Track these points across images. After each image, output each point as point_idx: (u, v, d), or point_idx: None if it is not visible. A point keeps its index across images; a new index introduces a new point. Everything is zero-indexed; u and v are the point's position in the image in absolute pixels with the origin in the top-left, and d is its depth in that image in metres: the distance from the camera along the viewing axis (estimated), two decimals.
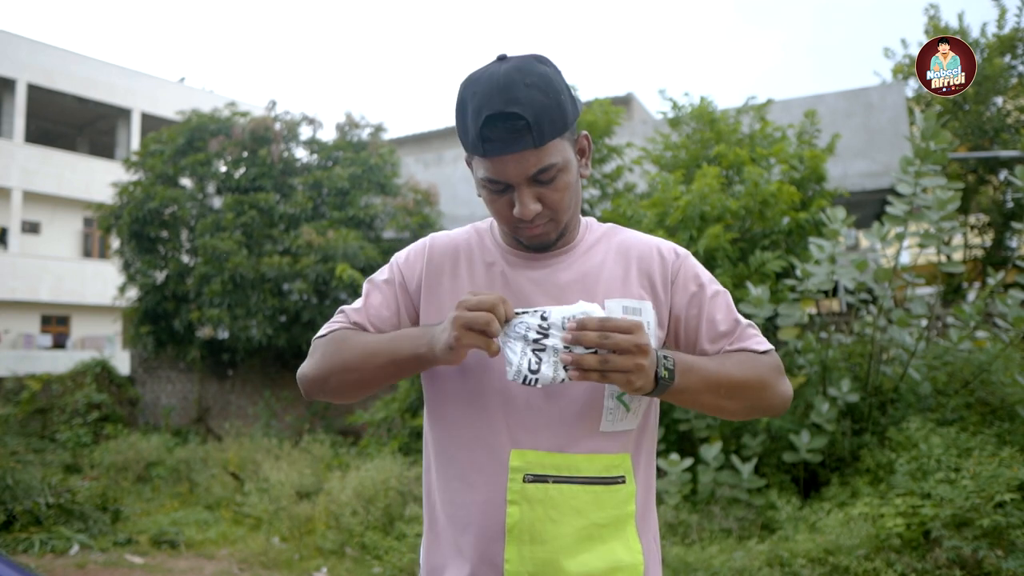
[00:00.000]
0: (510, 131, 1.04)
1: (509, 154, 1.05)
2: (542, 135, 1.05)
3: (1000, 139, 9.86)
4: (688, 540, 4.34)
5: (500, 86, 1.04)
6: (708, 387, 1.09)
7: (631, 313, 1.15)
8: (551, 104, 1.06)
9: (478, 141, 1.06)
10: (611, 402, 1.12)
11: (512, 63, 1.08)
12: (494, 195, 1.12)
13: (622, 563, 1.11)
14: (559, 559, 1.08)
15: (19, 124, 19.14)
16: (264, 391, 10.37)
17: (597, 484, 1.11)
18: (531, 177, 1.08)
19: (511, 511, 1.10)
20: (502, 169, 1.07)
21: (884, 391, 4.89)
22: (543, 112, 1.05)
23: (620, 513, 1.13)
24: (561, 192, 1.11)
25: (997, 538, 3.43)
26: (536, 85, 1.05)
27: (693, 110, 7.06)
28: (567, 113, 1.09)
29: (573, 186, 1.13)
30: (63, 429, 9.89)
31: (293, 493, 6.10)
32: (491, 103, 1.04)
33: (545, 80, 1.07)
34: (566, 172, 1.11)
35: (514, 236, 1.17)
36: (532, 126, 1.04)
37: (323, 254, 9.02)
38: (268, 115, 10.62)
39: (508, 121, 1.03)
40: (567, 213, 1.15)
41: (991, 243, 10.12)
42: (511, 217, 1.12)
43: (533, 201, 1.09)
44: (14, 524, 5.58)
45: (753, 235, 5.89)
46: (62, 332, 20.72)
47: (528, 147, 1.05)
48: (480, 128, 1.05)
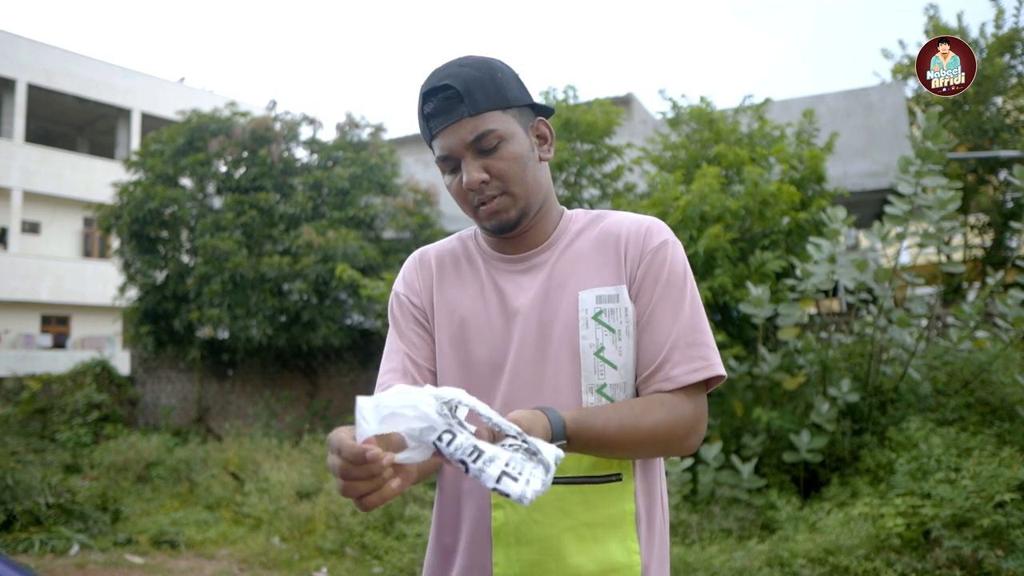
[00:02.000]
0: (444, 100, 1.10)
1: (448, 125, 1.10)
2: (475, 103, 1.09)
3: (1000, 139, 9.87)
4: (688, 540, 4.34)
5: (438, 70, 1.13)
6: (603, 447, 1.05)
7: (605, 301, 1.12)
8: (483, 77, 1.11)
9: (424, 123, 1.13)
10: (591, 397, 1.11)
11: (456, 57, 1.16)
12: (450, 176, 1.15)
13: (616, 564, 1.09)
14: (547, 560, 1.08)
15: (19, 124, 19.15)
16: (264, 391, 10.37)
17: (586, 483, 1.10)
18: (470, 145, 1.10)
19: (496, 515, 1.11)
20: (446, 143, 1.11)
21: (884, 391, 4.89)
22: (473, 82, 1.10)
23: (616, 512, 1.11)
24: (507, 161, 1.11)
25: (997, 538, 3.43)
26: (470, 64, 1.12)
27: (692, 110, 7.06)
28: (506, 89, 1.12)
29: (522, 159, 1.12)
30: (63, 429, 9.89)
31: (293, 493, 6.10)
32: (428, 83, 1.12)
33: (481, 61, 1.14)
34: (510, 142, 1.11)
35: (479, 224, 1.18)
36: (463, 94, 1.09)
37: (323, 254, 9.02)
38: (268, 115, 10.62)
39: (440, 93, 1.10)
40: (520, 186, 1.13)
41: (991, 243, 10.13)
42: (465, 193, 1.14)
43: (477, 170, 1.11)
44: (14, 524, 5.58)
45: (753, 235, 5.89)
46: (62, 332, 20.72)
47: (464, 115, 1.09)
48: (422, 107, 1.13)
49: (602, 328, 1.12)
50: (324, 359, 10.21)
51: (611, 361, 1.11)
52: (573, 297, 1.14)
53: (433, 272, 1.25)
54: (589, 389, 1.11)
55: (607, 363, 1.11)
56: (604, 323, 1.12)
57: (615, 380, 1.12)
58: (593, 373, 1.11)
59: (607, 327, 1.12)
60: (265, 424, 9.55)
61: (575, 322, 1.13)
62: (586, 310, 1.13)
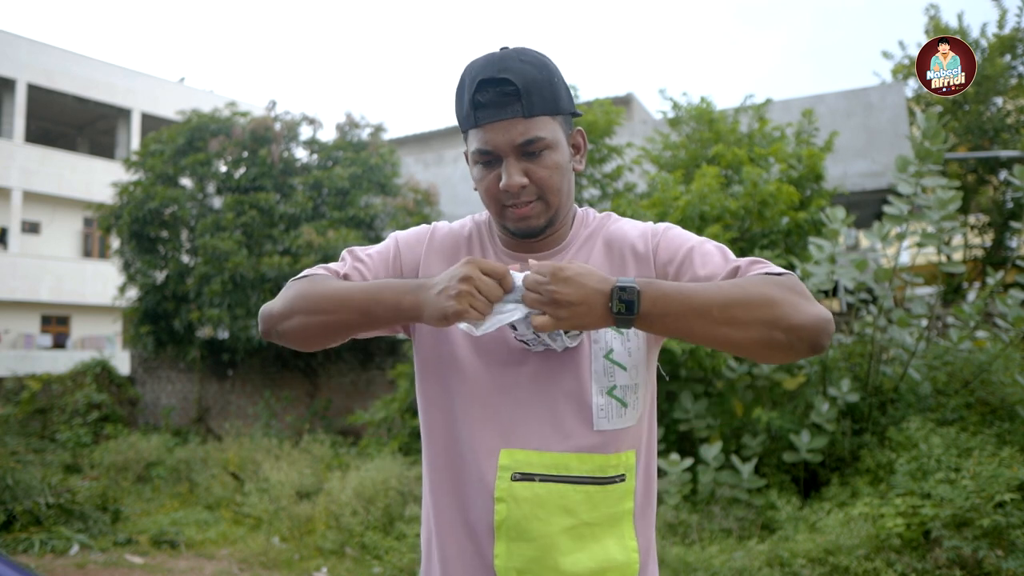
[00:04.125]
0: (500, 95, 1.07)
1: (498, 120, 1.08)
2: (531, 105, 1.07)
3: (1000, 139, 9.86)
4: (688, 540, 4.34)
5: (496, 59, 1.10)
6: (693, 311, 0.96)
7: None
8: (543, 80, 1.09)
9: (471, 109, 1.09)
10: (601, 399, 1.11)
11: (513, 48, 1.13)
12: (484, 170, 1.13)
13: (615, 562, 1.11)
14: (547, 557, 1.09)
15: (19, 124, 19.14)
16: (264, 391, 10.37)
17: (590, 484, 1.10)
18: (518, 147, 1.08)
19: (499, 508, 1.11)
20: (492, 137, 1.09)
21: (884, 391, 4.89)
22: (533, 84, 1.08)
23: (616, 511, 1.12)
24: (549, 170, 1.10)
25: (997, 538, 3.43)
26: (530, 62, 1.10)
27: (692, 110, 7.06)
28: (559, 96, 1.11)
29: (562, 169, 1.13)
30: (63, 429, 9.89)
31: (293, 493, 6.10)
32: (485, 71, 1.08)
33: (540, 61, 1.11)
34: (555, 151, 1.11)
35: (502, 223, 1.17)
36: (521, 93, 1.07)
37: (323, 254, 9.01)
38: (268, 115, 10.61)
39: (499, 86, 1.07)
40: (556, 196, 1.13)
41: (991, 243, 10.13)
42: (499, 193, 1.12)
43: (519, 173, 1.09)
44: (14, 524, 5.58)
45: (752, 235, 5.89)
46: (62, 332, 20.72)
47: (517, 115, 1.07)
48: (473, 94, 1.08)
49: (610, 331, 1.12)
50: (324, 359, 10.20)
51: (620, 363, 1.13)
52: None
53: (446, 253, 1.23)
54: (600, 391, 1.12)
55: (617, 364, 1.12)
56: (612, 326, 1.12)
57: (624, 381, 1.13)
58: (604, 375, 1.12)
59: (615, 330, 1.12)
60: (265, 424, 9.54)
61: None
62: None
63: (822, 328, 0.97)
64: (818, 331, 0.97)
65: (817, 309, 0.98)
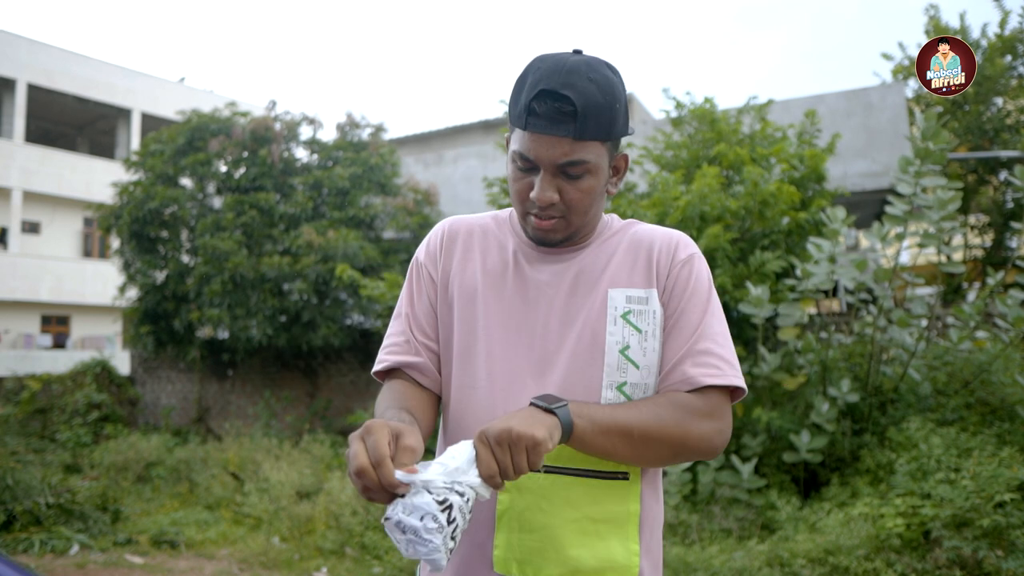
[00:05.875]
0: (556, 111, 1.05)
1: (548, 135, 1.06)
2: (585, 128, 1.05)
3: (1000, 139, 9.87)
4: (688, 540, 4.34)
5: (564, 69, 1.06)
6: (602, 433, 1.03)
7: (635, 302, 1.14)
8: (604, 105, 1.06)
9: (524, 112, 1.07)
10: (610, 393, 1.12)
11: (585, 58, 1.10)
12: (520, 172, 1.12)
13: (615, 563, 1.10)
14: (548, 549, 1.09)
15: (19, 124, 19.14)
16: (264, 391, 10.37)
17: (594, 478, 1.11)
18: (560, 166, 1.08)
19: (501, 498, 1.11)
20: (536, 148, 1.08)
21: (884, 391, 4.89)
22: (593, 107, 1.05)
23: (620, 511, 1.12)
24: (583, 193, 1.11)
25: (997, 538, 3.43)
26: (598, 83, 1.07)
27: (695, 109, 7.06)
28: (616, 123, 1.10)
29: (595, 193, 1.12)
30: (63, 429, 9.89)
31: (293, 493, 6.10)
32: (549, 80, 1.05)
33: (608, 83, 1.08)
34: (594, 176, 1.10)
35: (523, 226, 1.18)
36: (578, 114, 1.04)
37: (323, 254, 9.02)
38: (268, 115, 10.62)
39: (557, 101, 1.04)
40: (581, 217, 1.14)
41: (991, 243, 10.13)
42: (527, 199, 1.12)
43: (552, 189, 1.09)
44: (14, 524, 5.58)
45: (753, 235, 5.89)
46: (62, 332, 20.72)
47: (568, 135, 1.05)
48: (530, 100, 1.06)
49: (629, 327, 1.13)
50: (324, 359, 10.20)
51: (634, 360, 1.13)
52: (602, 294, 1.15)
53: (458, 245, 1.24)
54: (610, 385, 1.12)
55: (631, 362, 1.13)
56: (632, 323, 1.13)
57: (636, 379, 1.13)
58: (616, 370, 1.12)
59: (634, 327, 1.13)
60: (265, 424, 9.55)
61: (602, 317, 1.14)
62: (615, 308, 1.14)
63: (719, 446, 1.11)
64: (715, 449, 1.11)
65: (720, 425, 1.11)
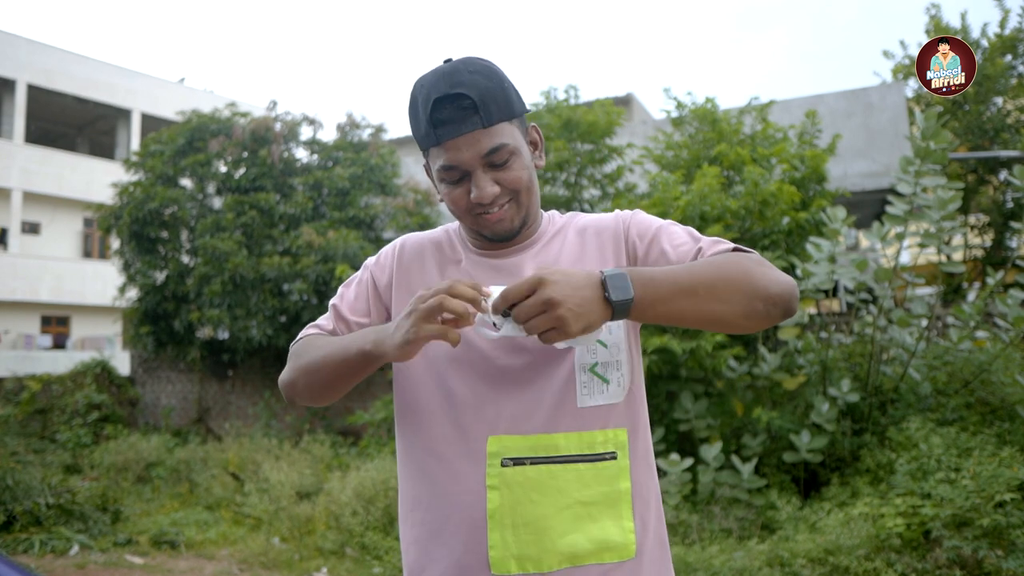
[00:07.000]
0: (458, 110, 1.08)
1: (461, 135, 1.09)
2: (489, 115, 1.09)
3: (1000, 139, 9.87)
4: (688, 540, 4.34)
5: (445, 73, 1.11)
6: (682, 292, 1.01)
7: None
8: (495, 87, 1.11)
9: (430, 128, 1.10)
10: (584, 375, 1.13)
11: (457, 60, 1.14)
12: (451, 186, 1.14)
13: (611, 542, 1.10)
14: (543, 540, 1.08)
15: (19, 124, 19.14)
16: (264, 391, 10.36)
17: (579, 462, 1.11)
18: (484, 158, 1.10)
19: (491, 496, 1.10)
20: (456, 154, 1.10)
21: (884, 391, 4.89)
22: (487, 93, 1.09)
23: (610, 490, 1.12)
24: (518, 172, 1.13)
25: (997, 538, 3.43)
26: (479, 72, 1.11)
27: (696, 109, 7.06)
28: (512, 101, 1.13)
29: (528, 168, 1.16)
30: (63, 429, 9.89)
31: (293, 493, 6.10)
32: (438, 88, 1.09)
33: (487, 68, 1.13)
34: (518, 156, 1.13)
35: (476, 231, 1.19)
36: (479, 105, 1.08)
37: (323, 254, 9.02)
38: (268, 115, 10.62)
39: (455, 101, 1.08)
40: (527, 194, 1.16)
41: (991, 243, 10.13)
42: (471, 206, 1.14)
43: (490, 183, 1.11)
44: (14, 524, 5.58)
45: (753, 235, 5.89)
46: (62, 332, 20.71)
47: (477, 127, 1.09)
48: (430, 113, 1.09)
49: None
50: None
51: (601, 340, 1.14)
52: None
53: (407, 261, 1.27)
54: (582, 368, 1.14)
55: (598, 343, 1.14)
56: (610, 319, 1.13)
57: (606, 358, 1.15)
58: (586, 352, 1.14)
59: None
60: (265, 424, 9.54)
61: None
62: None
63: (792, 294, 1.06)
64: (790, 297, 1.06)
65: (785, 277, 1.07)
